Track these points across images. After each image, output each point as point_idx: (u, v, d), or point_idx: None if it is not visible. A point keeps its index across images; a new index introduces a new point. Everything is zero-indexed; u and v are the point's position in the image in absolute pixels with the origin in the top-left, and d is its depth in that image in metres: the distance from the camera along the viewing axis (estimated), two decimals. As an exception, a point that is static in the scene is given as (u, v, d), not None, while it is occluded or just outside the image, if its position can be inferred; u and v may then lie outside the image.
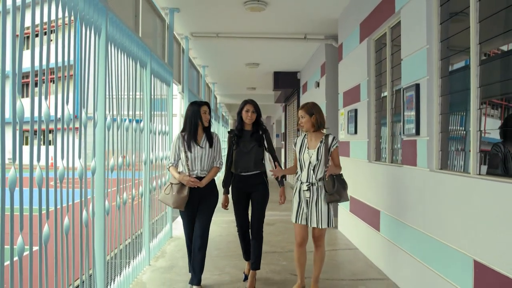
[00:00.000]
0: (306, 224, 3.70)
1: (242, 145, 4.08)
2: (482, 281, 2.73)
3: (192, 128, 3.84)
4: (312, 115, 3.70)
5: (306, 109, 3.73)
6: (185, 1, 6.17)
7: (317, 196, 3.66)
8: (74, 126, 2.91)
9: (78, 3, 2.91)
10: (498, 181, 2.62)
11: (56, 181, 2.68)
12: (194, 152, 3.84)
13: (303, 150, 3.76)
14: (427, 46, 3.54)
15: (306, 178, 3.69)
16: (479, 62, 2.92)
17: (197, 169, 3.86)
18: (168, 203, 3.80)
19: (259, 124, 4.16)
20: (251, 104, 4.11)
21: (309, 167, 3.68)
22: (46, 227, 2.51)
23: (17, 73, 2.22)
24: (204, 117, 3.88)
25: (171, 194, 3.77)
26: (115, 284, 3.78)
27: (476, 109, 2.93)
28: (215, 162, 3.96)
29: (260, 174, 4.11)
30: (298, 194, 3.74)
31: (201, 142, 3.89)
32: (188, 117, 3.88)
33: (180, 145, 3.88)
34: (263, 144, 4.12)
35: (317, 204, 3.66)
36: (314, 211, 3.66)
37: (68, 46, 2.82)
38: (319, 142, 3.70)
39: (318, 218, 3.64)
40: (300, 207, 3.72)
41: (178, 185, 3.79)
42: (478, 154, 2.94)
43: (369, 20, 5.22)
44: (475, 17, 2.94)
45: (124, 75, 4.03)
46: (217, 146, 3.96)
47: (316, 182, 3.66)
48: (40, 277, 2.44)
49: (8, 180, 2.12)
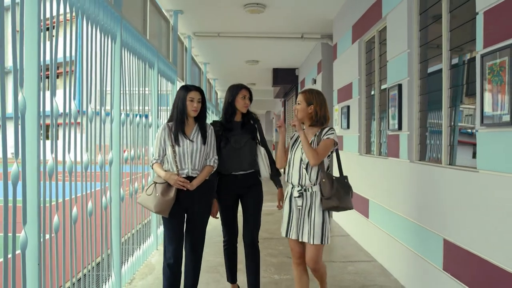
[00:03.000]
0: (297, 238, 3.06)
1: (233, 140, 3.39)
2: (450, 257, 3.16)
3: (178, 117, 3.15)
4: (311, 105, 3.06)
5: (305, 96, 3.09)
6: (188, 4, 6.58)
7: (310, 203, 3.00)
8: (94, 122, 3.33)
9: (98, 14, 3.32)
10: (461, 169, 3.05)
11: (82, 172, 3.11)
12: (183, 146, 3.14)
13: (295, 146, 3.13)
14: (408, 50, 3.95)
15: (297, 180, 3.03)
16: (450, 66, 3.34)
17: (187, 168, 3.13)
18: (149, 207, 3.07)
19: (249, 113, 3.52)
20: (247, 89, 3.47)
21: (301, 165, 3.03)
22: (74, 209, 2.93)
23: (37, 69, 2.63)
24: (190, 105, 3.14)
25: (154, 195, 3.05)
26: (128, 264, 4.21)
27: (447, 107, 3.35)
28: (208, 160, 3.23)
29: (254, 173, 3.45)
30: (289, 201, 3.11)
31: (191, 135, 3.18)
32: (175, 103, 3.21)
33: (166, 138, 3.17)
34: (256, 137, 3.50)
35: (309, 213, 2.99)
36: (306, 222, 2.99)
37: (90, 51, 3.24)
38: (313, 136, 3.08)
39: (309, 231, 2.97)
40: (291, 217, 3.08)
41: (164, 185, 3.06)
42: (449, 147, 3.36)
43: (360, 23, 5.62)
44: (447, 26, 3.35)
45: (135, 76, 4.44)
46: (211, 141, 3.26)
47: (310, 186, 3.01)
48: (70, 253, 2.87)
49: (48, 173, 2.55)
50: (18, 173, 2.19)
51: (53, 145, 2.58)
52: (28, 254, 2.31)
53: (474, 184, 2.83)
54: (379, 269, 4.53)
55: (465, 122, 3.31)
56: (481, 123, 2.67)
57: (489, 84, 2.57)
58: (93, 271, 3.40)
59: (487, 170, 2.67)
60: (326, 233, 2.99)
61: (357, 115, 5.78)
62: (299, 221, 3.03)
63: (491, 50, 2.55)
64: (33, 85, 2.36)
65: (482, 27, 2.68)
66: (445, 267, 3.22)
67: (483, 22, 2.68)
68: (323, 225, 2.97)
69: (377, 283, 4.10)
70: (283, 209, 3.19)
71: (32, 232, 2.32)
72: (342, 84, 6.59)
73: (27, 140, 2.28)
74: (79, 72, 3.11)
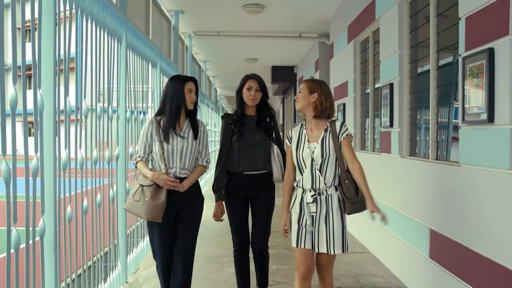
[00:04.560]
0: (311, 248, 2.69)
1: (247, 135, 3.12)
2: (436, 246, 3.38)
3: (173, 112, 2.84)
4: (313, 93, 2.69)
5: (308, 84, 2.74)
6: (189, 4, 6.77)
7: (326, 209, 2.65)
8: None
9: (106, 17, 3.52)
10: (446, 164, 3.26)
11: (92, 168, 3.32)
12: (173, 143, 2.84)
13: (301, 145, 2.73)
14: (399, 51, 4.16)
15: (310, 184, 2.66)
16: (437, 67, 3.55)
17: (175, 167, 2.85)
18: (139, 214, 2.74)
19: (267, 108, 3.23)
20: (255, 79, 3.13)
21: (313, 167, 2.66)
22: (85, 201, 3.15)
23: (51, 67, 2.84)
24: (189, 97, 2.87)
25: (143, 201, 2.72)
26: (133, 254, 4.43)
27: (434, 106, 3.57)
28: (200, 159, 2.96)
29: (267, 174, 3.18)
30: (299, 207, 2.71)
31: (182, 131, 2.89)
32: (167, 96, 2.87)
33: (153, 133, 2.87)
34: (272, 135, 3.24)
35: (327, 220, 2.64)
36: (323, 230, 2.64)
37: (98, 52, 3.45)
38: (322, 131, 2.70)
39: (328, 240, 2.63)
40: (302, 225, 2.68)
41: (152, 188, 2.75)
42: (435, 143, 3.57)
43: (355, 23, 5.82)
44: (434, 30, 3.56)
45: (139, 75, 4.65)
46: (203, 138, 2.97)
47: (325, 189, 2.65)
48: (82, 241, 3.09)
49: (63, 168, 2.77)
50: (38, 167, 2.40)
51: (67, 141, 2.79)
52: (46, 241, 2.53)
53: (458, 177, 3.05)
54: (372, 260, 4.76)
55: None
56: (462, 121, 2.89)
57: (469, 85, 2.78)
58: (101, 260, 3.62)
59: (468, 164, 2.89)
60: (346, 240, 2.67)
61: (352, 113, 5.99)
62: (313, 230, 2.66)
63: (471, 53, 2.76)
64: (50, 83, 2.56)
65: (464, 32, 2.89)
66: (432, 255, 3.44)
67: (464, 27, 2.89)
68: (343, 231, 2.66)
69: (370, 273, 4.33)
70: (291, 216, 2.79)
71: (49, 221, 2.53)
72: (338, 82, 6.80)
73: (45, 137, 2.49)
74: (84, 72, 3.32)
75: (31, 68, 2.42)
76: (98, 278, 3.48)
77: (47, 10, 2.56)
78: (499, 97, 2.52)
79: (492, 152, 2.60)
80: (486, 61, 2.57)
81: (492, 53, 2.55)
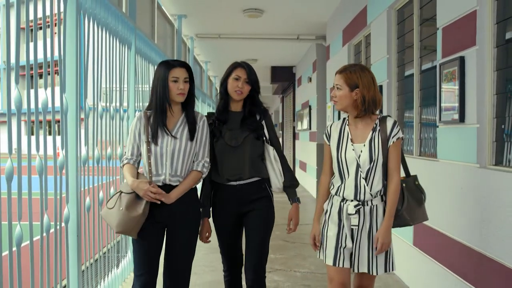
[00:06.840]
0: (350, 267, 2.31)
1: (227, 135, 2.54)
2: (419, 234, 3.72)
3: (158, 106, 2.35)
4: (355, 89, 2.22)
5: (347, 76, 2.25)
6: (191, 9, 7.11)
7: (370, 223, 2.26)
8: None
9: (118, 26, 3.86)
10: (426, 159, 3.60)
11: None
12: (162, 144, 2.35)
13: (342, 145, 2.30)
14: (387, 56, 4.49)
15: (353, 194, 2.25)
16: (420, 71, 3.89)
17: (164, 173, 2.35)
18: (111, 224, 2.31)
19: (256, 103, 2.63)
20: (244, 68, 2.57)
21: (358, 173, 2.24)
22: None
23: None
24: (175, 87, 2.32)
25: (117, 209, 2.27)
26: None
27: (418, 106, 3.90)
28: (196, 163, 2.43)
29: (260, 182, 2.58)
30: (337, 219, 2.30)
31: (175, 129, 2.39)
32: (153, 86, 2.38)
33: (141, 132, 2.39)
34: (263, 135, 2.61)
35: (370, 235, 2.26)
36: (365, 247, 2.26)
37: (110, 58, 3.79)
38: (370, 130, 2.27)
39: (370, 258, 2.25)
40: (341, 240, 2.28)
41: (130, 197, 2.29)
42: (419, 140, 3.91)
43: (349, 28, 6.15)
44: (418, 37, 3.89)
45: (146, 77, 4.99)
46: (202, 136, 2.44)
47: (370, 200, 2.25)
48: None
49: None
50: (64, 162, 2.74)
51: (87, 139, 3.13)
52: (70, 227, 2.87)
53: (436, 171, 3.39)
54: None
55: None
56: (439, 120, 3.23)
57: (444, 88, 3.12)
58: (114, 248, 3.96)
59: (444, 159, 3.23)
60: (391, 259, 2.29)
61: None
62: (354, 246, 2.26)
63: (446, 60, 3.10)
64: (72, 87, 2.89)
65: (441, 41, 3.23)
66: (415, 242, 3.78)
67: (441, 37, 3.23)
68: (389, 249, 2.27)
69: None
70: (325, 231, 2.34)
71: (72, 209, 2.88)
72: (334, 83, 7.13)
73: (69, 134, 2.83)
74: (99, 76, 3.66)
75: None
76: (112, 264, 3.83)
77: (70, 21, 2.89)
78: (468, 99, 2.86)
79: (463, 148, 2.94)
80: (458, 67, 2.91)
81: (463, 61, 2.88)
